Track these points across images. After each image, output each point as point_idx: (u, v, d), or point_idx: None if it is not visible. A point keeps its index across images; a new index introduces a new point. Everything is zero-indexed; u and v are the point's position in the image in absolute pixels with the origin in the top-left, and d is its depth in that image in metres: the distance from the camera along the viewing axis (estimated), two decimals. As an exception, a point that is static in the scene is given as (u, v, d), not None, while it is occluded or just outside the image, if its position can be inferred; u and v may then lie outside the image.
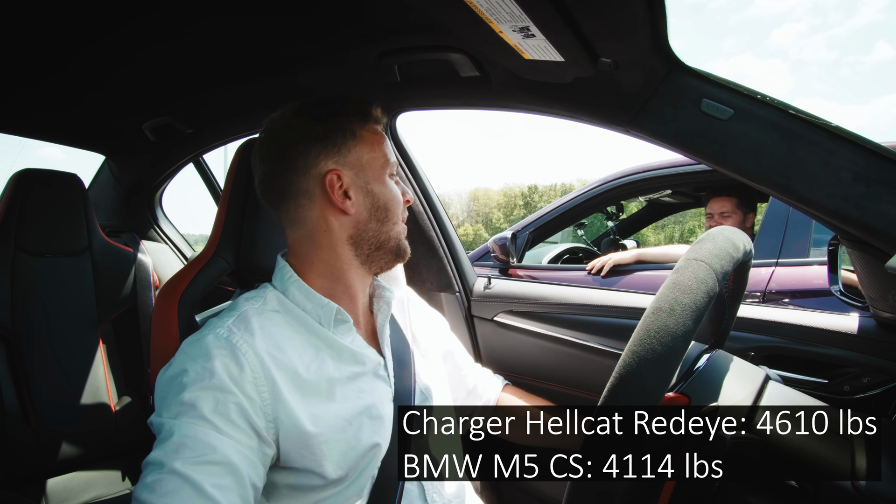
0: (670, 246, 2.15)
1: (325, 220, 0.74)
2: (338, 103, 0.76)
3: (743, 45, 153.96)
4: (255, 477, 0.62)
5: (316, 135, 0.73)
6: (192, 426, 0.59)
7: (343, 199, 0.73)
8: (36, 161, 44.33)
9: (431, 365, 0.89)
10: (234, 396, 0.62)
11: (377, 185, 0.75)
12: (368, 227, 0.75)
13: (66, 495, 1.40)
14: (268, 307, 0.73)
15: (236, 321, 0.69)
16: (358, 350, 0.75)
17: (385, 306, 0.83)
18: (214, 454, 0.58)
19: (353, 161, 0.74)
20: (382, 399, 0.75)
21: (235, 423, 0.62)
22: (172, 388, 0.63)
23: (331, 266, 0.75)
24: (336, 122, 0.74)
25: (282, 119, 0.75)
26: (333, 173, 0.72)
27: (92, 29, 0.91)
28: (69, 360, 1.50)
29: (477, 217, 46.92)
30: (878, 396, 0.94)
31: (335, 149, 0.73)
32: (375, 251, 0.77)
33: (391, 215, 0.77)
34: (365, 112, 0.77)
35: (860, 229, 0.67)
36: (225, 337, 0.67)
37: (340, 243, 0.75)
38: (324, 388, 0.70)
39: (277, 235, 0.88)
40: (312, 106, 0.75)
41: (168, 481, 0.56)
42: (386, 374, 0.78)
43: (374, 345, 0.80)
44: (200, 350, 0.65)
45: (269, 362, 0.67)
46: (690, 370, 0.71)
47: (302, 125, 0.74)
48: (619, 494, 0.47)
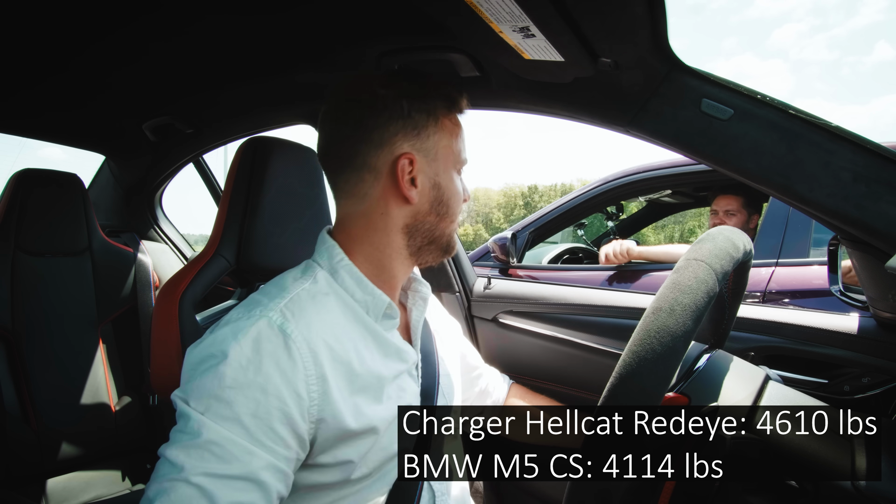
0: (671, 245, 2.14)
1: (385, 202, 0.68)
2: (429, 84, 0.70)
3: (743, 45, 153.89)
4: (284, 489, 0.58)
5: (400, 111, 0.67)
6: (222, 429, 0.54)
7: (409, 186, 0.67)
8: (36, 161, 44.22)
9: (451, 365, 0.87)
10: (279, 400, 0.56)
11: (446, 178, 0.70)
12: (427, 219, 0.70)
13: (66, 495, 1.40)
14: (320, 289, 0.67)
15: (290, 304, 0.63)
16: (401, 346, 0.72)
17: (421, 302, 0.78)
18: (241, 468, 0.53)
19: (430, 148, 0.69)
20: (413, 400, 0.72)
21: (275, 430, 0.56)
22: (208, 374, 0.56)
23: (380, 251, 0.70)
24: (423, 102, 0.68)
25: (367, 85, 0.68)
26: (407, 157, 0.67)
27: (92, 29, 0.91)
28: (69, 360, 1.50)
29: (477, 217, 46.88)
30: (878, 396, 0.94)
31: (415, 131, 0.67)
32: (428, 245, 0.72)
33: (451, 212, 0.72)
34: (452, 99, 0.71)
35: (860, 229, 0.67)
36: (279, 324, 0.60)
37: (395, 230, 0.70)
38: (374, 385, 0.66)
39: (278, 235, 0.88)
40: (404, 79, 0.69)
41: (184, 491, 0.52)
42: (417, 373, 0.75)
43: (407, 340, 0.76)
44: (249, 336, 0.58)
45: (323, 356, 0.61)
46: (690, 370, 0.71)
47: (388, 97, 0.67)
48: (618, 494, 0.47)
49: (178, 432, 0.55)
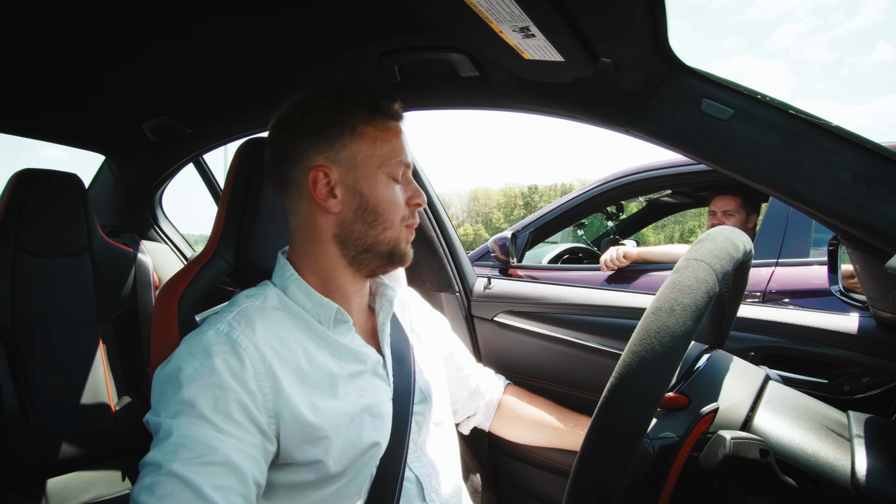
0: (671, 245, 2.15)
1: (311, 214, 0.73)
2: (342, 96, 0.73)
3: (744, 45, 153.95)
4: (259, 474, 0.61)
5: (310, 127, 0.71)
6: (190, 426, 0.58)
7: (327, 197, 0.71)
8: (37, 161, 44.19)
9: (431, 364, 0.89)
10: (235, 393, 0.61)
11: (367, 185, 0.72)
12: (354, 228, 0.72)
13: (66, 495, 1.40)
14: (268, 304, 0.72)
15: (237, 316, 0.68)
16: (357, 349, 0.75)
17: (387, 304, 0.82)
18: (214, 455, 0.57)
19: (346, 158, 0.71)
20: (382, 398, 0.75)
21: (237, 420, 0.60)
22: (170, 386, 0.62)
23: (320, 263, 0.74)
24: (336, 115, 0.71)
25: (285, 109, 0.75)
26: (320, 169, 0.70)
27: (92, 29, 0.91)
28: (69, 360, 1.50)
29: (477, 217, 46.90)
30: (878, 396, 0.94)
31: (328, 143, 0.71)
32: (363, 254, 0.74)
33: (381, 218, 0.72)
34: (373, 106, 0.73)
35: (860, 229, 0.67)
36: (225, 332, 0.65)
37: (326, 241, 0.73)
38: (326, 382, 0.70)
39: (277, 235, 0.88)
40: (314, 97, 0.74)
41: (166, 483, 0.55)
42: (385, 372, 0.77)
43: (373, 343, 0.79)
44: (200, 346, 0.64)
45: (270, 357, 0.66)
46: (690, 370, 0.71)
47: (300, 115, 0.73)
48: (619, 494, 0.47)
49: (154, 442, 0.60)
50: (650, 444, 0.60)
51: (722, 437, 0.54)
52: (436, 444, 0.83)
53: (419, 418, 0.80)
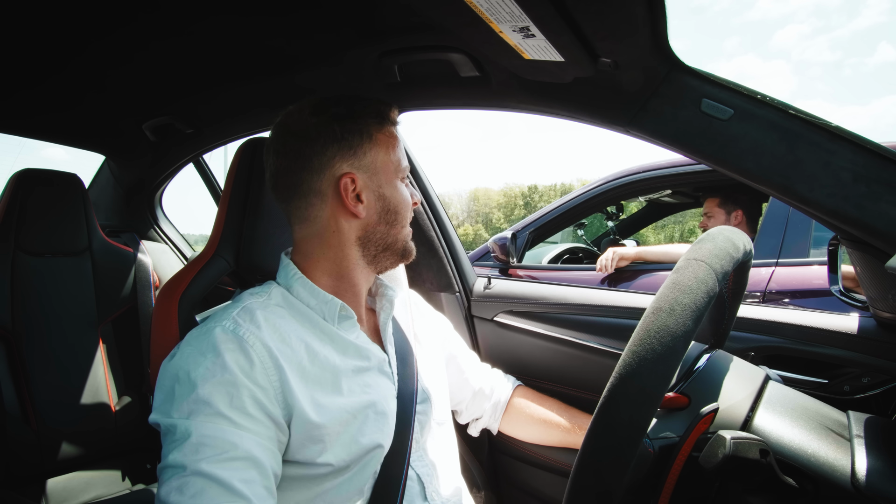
0: (669, 245, 2.15)
1: (336, 220, 0.74)
2: (357, 103, 0.74)
3: (746, 46, 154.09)
4: (276, 465, 0.62)
5: (333, 135, 0.72)
6: (208, 424, 0.59)
7: (355, 203, 0.73)
8: (38, 161, 44.09)
9: (433, 365, 0.89)
10: (248, 389, 0.62)
11: (389, 188, 0.75)
12: (377, 229, 0.75)
13: (66, 495, 1.40)
14: (272, 302, 0.73)
15: (241, 313, 0.68)
16: (362, 345, 0.75)
17: (388, 304, 0.83)
18: (236, 450, 0.58)
19: (368, 164, 0.73)
20: (387, 395, 0.75)
21: (252, 415, 0.61)
22: (181, 385, 0.62)
23: (337, 265, 0.75)
24: (353, 122, 0.73)
25: (299, 115, 0.73)
26: (348, 176, 0.72)
27: (92, 29, 0.91)
28: (69, 360, 1.50)
29: (477, 217, 46.93)
30: (878, 396, 0.94)
31: (351, 151, 0.72)
32: (382, 252, 0.77)
33: (400, 218, 0.77)
34: (382, 114, 0.76)
35: (860, 229, 0.67)
36: (231, 329, 0.66)
37: (349, 244, 0.75)
38: (329, 379, 0.70)
39: (278, 235, 0.88)
40: (332, 104, 0.74)
41: (194, 483, 0.55)
42: (390, 370, 0.78)
43: (377, 342, 0.80)
44: (208, 344, 0.64)
45: (275, 351, 0.66)
46: (690, 370, 0.71)
47: (320, 124, 0.72)
48: (619, 494, 0.47)
49: (169, 444, 0.59)
50: (650, 444, 0.60)
51: (722, 437, 0.54)
52: (437, 443, 0.83)
53: (421, 418, 0.80)
